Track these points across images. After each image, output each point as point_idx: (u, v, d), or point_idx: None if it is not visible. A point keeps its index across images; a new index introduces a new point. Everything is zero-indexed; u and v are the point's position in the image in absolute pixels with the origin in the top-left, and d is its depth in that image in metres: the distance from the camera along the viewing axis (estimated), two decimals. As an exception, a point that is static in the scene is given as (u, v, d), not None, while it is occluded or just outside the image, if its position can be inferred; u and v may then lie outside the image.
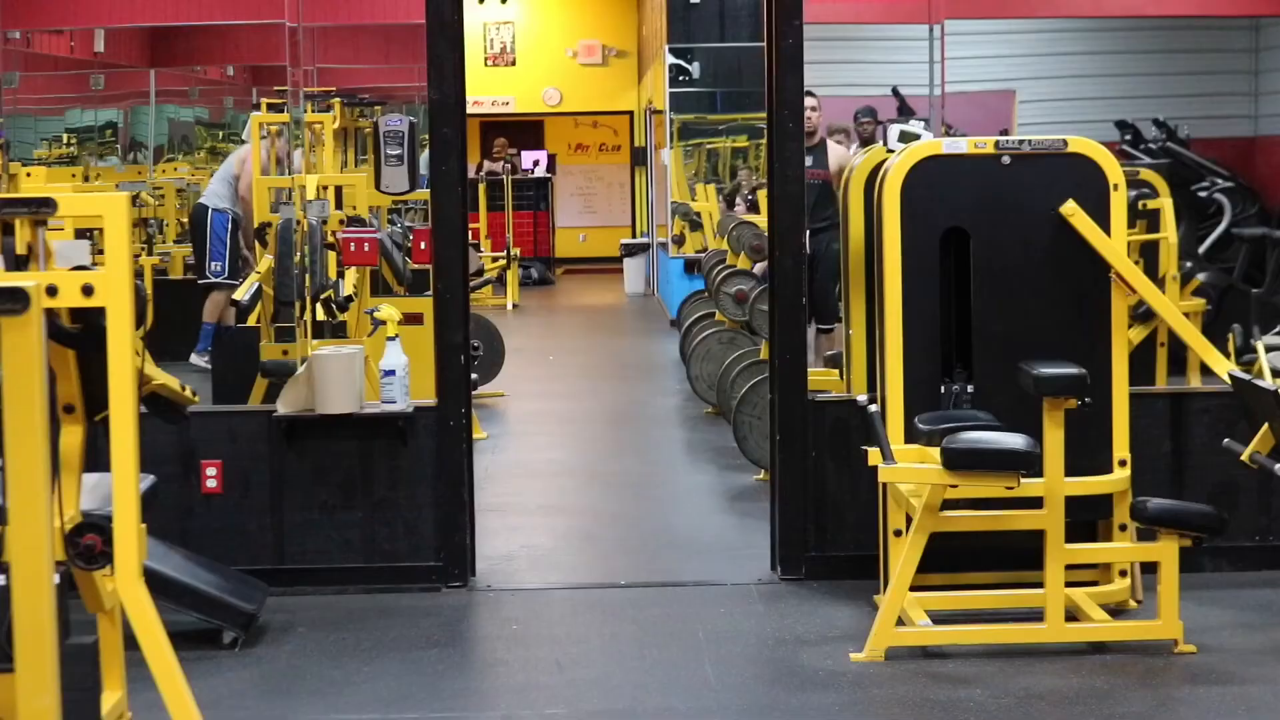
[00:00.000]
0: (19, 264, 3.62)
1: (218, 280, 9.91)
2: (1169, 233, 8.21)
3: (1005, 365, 5.68)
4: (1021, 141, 5.83)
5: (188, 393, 4.70)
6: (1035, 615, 5.48)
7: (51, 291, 3.48)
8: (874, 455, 5.44)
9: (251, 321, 8.55)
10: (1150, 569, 5.70)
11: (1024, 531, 5.49)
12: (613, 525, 7.75)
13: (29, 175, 8.60)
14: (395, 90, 12.86)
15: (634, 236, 21.10)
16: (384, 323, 6.69)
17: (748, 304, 9.63)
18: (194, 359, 9.67)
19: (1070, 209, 5.70)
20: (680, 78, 16.65)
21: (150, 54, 11.69)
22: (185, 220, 11.25)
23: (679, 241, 16.09)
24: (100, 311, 3.59)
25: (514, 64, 22.08)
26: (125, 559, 3.65)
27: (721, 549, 7.06)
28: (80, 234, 4.66)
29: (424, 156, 7.29)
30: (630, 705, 5.14)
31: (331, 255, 8.52)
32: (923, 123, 7.53)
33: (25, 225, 3.62)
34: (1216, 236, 10.97)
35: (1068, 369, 5.46)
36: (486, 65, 21.76)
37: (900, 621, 5.47)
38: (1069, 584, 5.54)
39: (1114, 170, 5.76)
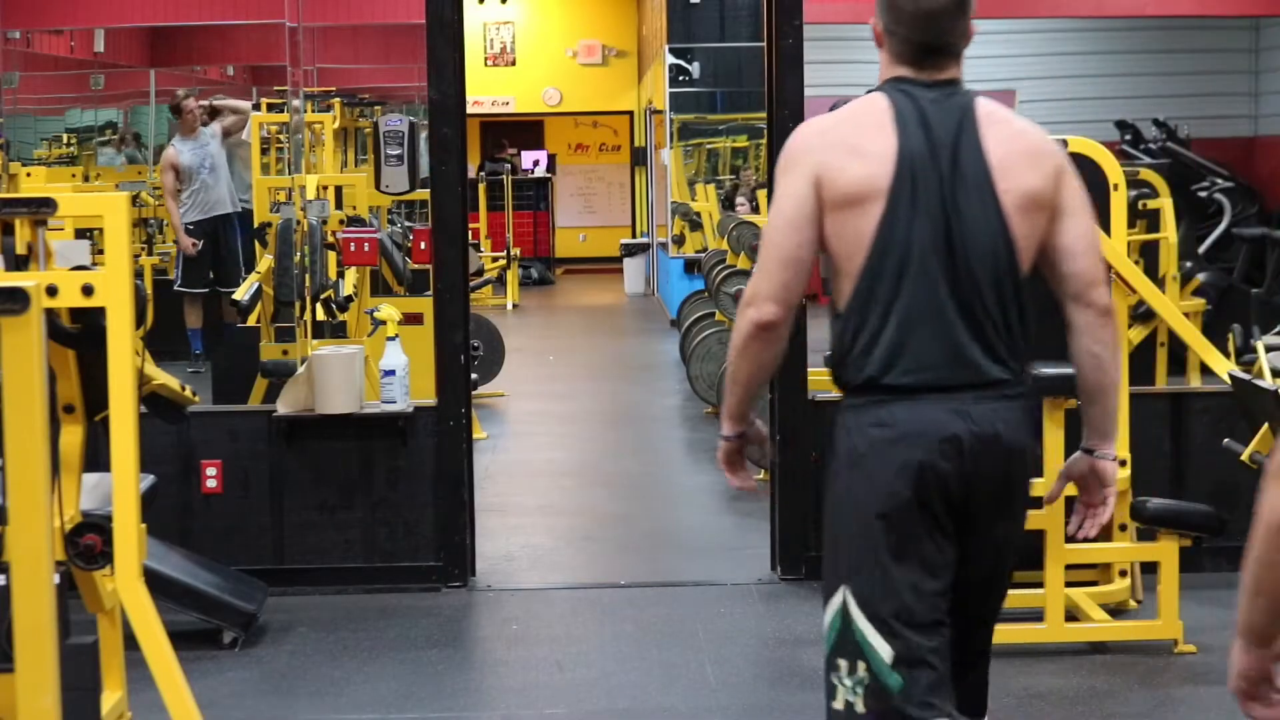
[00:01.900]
0: (19, 264, 3.62)
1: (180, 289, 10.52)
2: (1169, 233, 8.21)
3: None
4: (1021, 141, 5.82)
5: (188, 393, 4.70)
6: (1035, 615, 5.48)
7: (51, 291, 3.48)
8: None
9: (251, 321, 8.56)
10: (1150, 569, 5.70)
11: (1024, 531, 5.49)
12: (613, 525, 7.75)
13: (29, 175, 8.61)
14: (395, 90, 12.87)
15: (634, 236, 21.11)
16: (384, 323, 6.69)
17: (748, 304, 9.62)
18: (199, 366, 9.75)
19: (1070, 209, 5.69)
20: (680, 78, 16.66)
21: (150, 54, 11.70)
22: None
23: (679, 241, 16.10)
24: (100, 311, 3.59)
25: (514, 64, 22.09)
26: (125, 559, 3.65)
27: (721, 549, 7.06)
28: (80, 234, 4.66)
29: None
30: (630, 705, 5.14)
31: (331, 255, 8.53)
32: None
33: (25, 225, 3.63)
34: (1216, 236, 10.97)
35: (1068, 369, 5.44)
36: (486, 65, 21.76)
37: (900, 621, 5.46)
38: (1069, 584, 5.54)
39: (1114, 170, 5.75)
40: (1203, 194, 11.28)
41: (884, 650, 3.11)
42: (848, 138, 3.17)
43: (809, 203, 3.14)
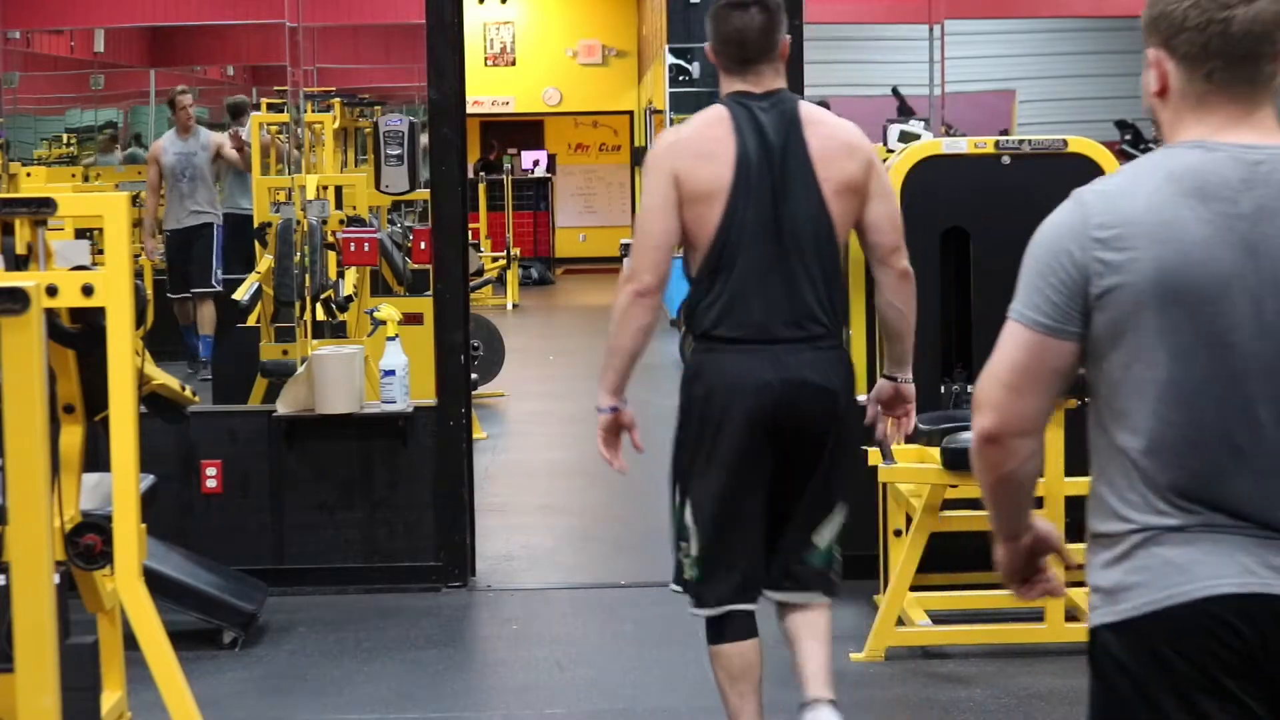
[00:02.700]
0: (19, 264, 3.62)
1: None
2: (1169, 233, 8.20)
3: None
4: (1021, 141, 5.84)
5: (188, 393, 4.70)
6: (1035, 615, 5.48)
7: (51, 291, 3.49)
8: (874, 455, 5.44)
9: (251, 321, 8.55)
10: (1150, 569, 5.69)
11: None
12: (613, 525, 7.75)
13: (29, 175, 8.61)
14: (395, 90, 12.86)
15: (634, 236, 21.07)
16: (384, 323, 6.69)
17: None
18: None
19: (1070, 209, 5.70)
20: (680, 78, 16.66)
21: (150, 54, 11.70)
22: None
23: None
24: (100, 311, 3.59)
25: (514, 64, 22.08)
26: (125, 559, 3.65)
27: (721, 549, 7.04)
28: (80, 234, 4.66)
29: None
30: (630, 705, 5.14)
31: (331, 255, 8.52)
32: (923, 123, 7.53)
33: (25, 225, 3.63)
34: (1216, 236, 10.96)
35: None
36: (486, 65, 21.76)
37: (900, 621, 5.47)
38: (1069, 584, 5.53)
39: (1114, 170, 5.75)
40: (1202, 194, 11.26)
41: (707, 542, 4.16)
42: (697, 145, 4.06)
43: (671, 198, 4.03)
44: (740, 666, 4.24)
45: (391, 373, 6.36)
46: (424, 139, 7.21)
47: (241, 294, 8.66)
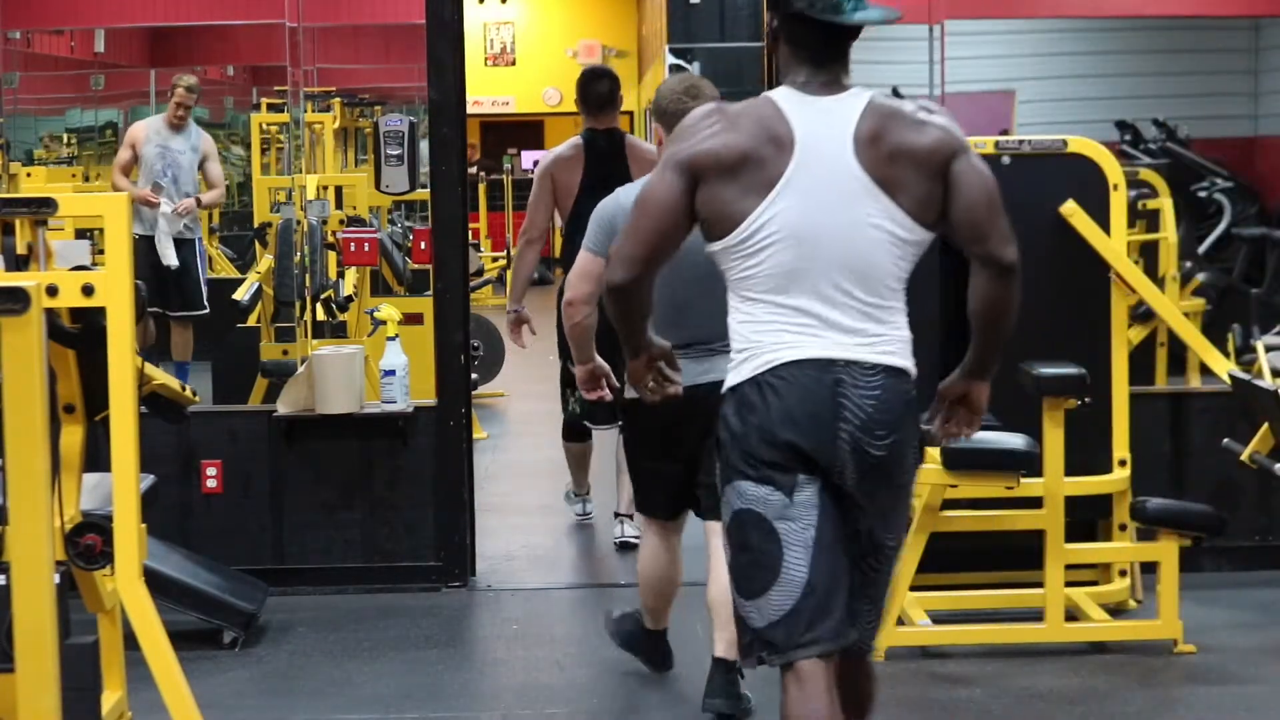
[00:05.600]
0: (19, 264, 3.62)
1: None
2: (1169, 233, 8.21)
3: (1005, 365, 5.66)
4: (1021, 141, 5.84)
5: (188, 393, 4.70)
6: (1035, 615, 5.48)
7: (51, 291, 3.49)
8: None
9: (251, 321, 8.55)
10: (1150, 569, 5.70)
11: (1024, 531, 5.49)
12: (612, 525, 7.74)
13: (29, 175, 8.60)
14: (395, 90, 12.86)
15: (634, 236, 21.04)
16: (384, 323, 6.69)
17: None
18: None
19: (1070, 209, 5.70)
20: (680, 78, 16.65)
21: (150, 54, 11.69)
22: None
23: (679, 241, 16.06)
24: (100, 311, 3.59)
25: (514, 64, 22.08)
26: (125, 559, 3.65)
27: (721, 549, 7.04)
28: (80, 234, 4.67)
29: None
30: (630, 705, 5.14)
31: (331, 255, 8.52)
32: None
33: (25, 225, 3.63)
34: (1216, 236, 10.96)
35: (1068, 369, 5.46)
36: (486, 65, 21.75)
37: (900, 621, 5.47)
38: (1069, 584, 5.54)
39: (1114, 170, 5.75)
40: (1203, 194, 11.27)
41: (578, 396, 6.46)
42: (565, 161, 6.79)
43: (548, 189, 6.79)
44: (579, 453, 7.32)
45: (391, 373, 6.36)
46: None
47: (241, 294, 8.65)
